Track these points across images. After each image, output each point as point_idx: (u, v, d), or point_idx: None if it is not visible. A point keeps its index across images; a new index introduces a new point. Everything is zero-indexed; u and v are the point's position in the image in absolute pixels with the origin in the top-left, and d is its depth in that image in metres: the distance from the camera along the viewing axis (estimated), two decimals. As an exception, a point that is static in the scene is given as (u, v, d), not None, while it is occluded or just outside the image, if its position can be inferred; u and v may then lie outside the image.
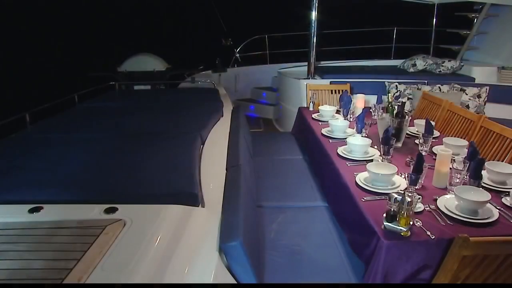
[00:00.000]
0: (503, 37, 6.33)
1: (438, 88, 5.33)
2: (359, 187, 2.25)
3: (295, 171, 3.25)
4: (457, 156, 2.50)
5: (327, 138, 3.08)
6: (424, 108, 4.12)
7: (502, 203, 2.12)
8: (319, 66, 6.32)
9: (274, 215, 2.59)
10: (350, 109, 3.52)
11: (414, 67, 6.12)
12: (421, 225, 1.88)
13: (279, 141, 3.98)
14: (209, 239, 1.81)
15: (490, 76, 5.90)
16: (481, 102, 5.35)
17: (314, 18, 5.29)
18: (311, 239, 2.36)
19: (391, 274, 1.78)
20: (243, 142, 3.07)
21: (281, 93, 6.23)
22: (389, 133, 2.54)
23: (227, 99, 4.45)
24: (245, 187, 2.31)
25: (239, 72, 7.29)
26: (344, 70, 6.02)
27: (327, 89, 4.58)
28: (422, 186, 2.28)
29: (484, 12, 6.33)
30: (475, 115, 3.36)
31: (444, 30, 7.36)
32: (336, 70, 6.09)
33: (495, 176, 2.36)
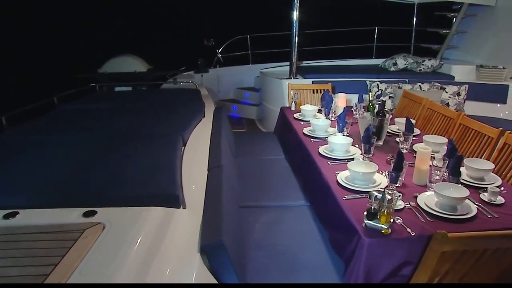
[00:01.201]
0: (481, 36, 6.43)
1: (419, 86, 5.39)
2: (341, 186, 2.25)
3: (278, 171, 3.25)
4: (437, 153, 2.53)
5: (309, 138, 3.09)
6: (405, 107, 4.16)
7: (480, 199, 2.15)
8: (301, 65, 6.34)
9: (257, 215, 2.58)
10: (331, 108, 3.53)
11: (395, 66, 6.18)
12: (401, 222, 1.90)
13: (262, 141, 3.97)
14: (190, 241, 1.80)
15: (469, 75, 6.00)
16: (460, 100, 5.43)
17: (295, 18, 5.29)
18: (294, 239, 2.36)
19: (373, 271, 1.79)
20: (225, 143, 3.05)
21: (264, 93, 6.23)
22: (369, 132, 2.56)
23: (209, 100, 4.42)
24: (227, 187, 2.30)
25: (222, 72, 7.27)
26: (326, 70, 6.05)
27: (309, 88, 4.59)
28: (402, 183, 2.29)
29: (463, 11, 6.42)
30: (455, 113, 3.40)
31: (424, 29, 7.46)
32: (318, 69, 6.11)
33: (473, 172, 2.39)
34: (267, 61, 7.00)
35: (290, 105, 3.96)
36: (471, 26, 6.62)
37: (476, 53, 6.46)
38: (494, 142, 2.88)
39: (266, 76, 6.00)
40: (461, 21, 6.60)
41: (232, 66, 7.43)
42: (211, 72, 7.08)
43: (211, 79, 7.02)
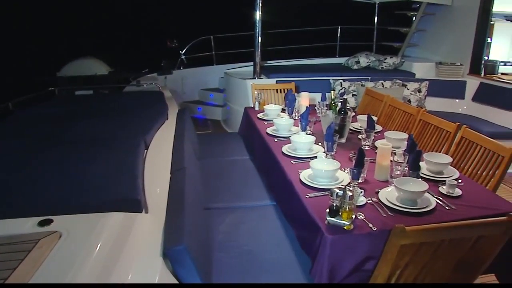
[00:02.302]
0: (439, 34, 6.62)
1: (381, 84, 5.49)
2: (304, 184, 2.26)
3: (243, 171, 3.23)
4: (398, 149, 2.57)
5: (272, 137, 3.08)
6: (368, 104, 4.22)
7: (439, 192, 2.20)
8: (265, 65, 6.36)
9: (223, 216, 2.56)
10: (295, 107, 3.55)
11: (358, 64, 6.28)
12: (363, 218, 1.92)
13: (227, 142, 3.95)
14: (152, 245, 1.76)
15: (429, 71, 6.17)
16: (421, 96, 5.56)
17: (258, 18, 5.30)
18: (260, 238, 2.35)
19: (337, 268, 1.80)
20: (188, 145, 3.02)
21: (228, 94, 6.21)
22: (331, 130, 2.57)
23: (173, 102, 4.37)
24: (190, 190, 2.27)
25: (186, 74, 7.20)
26: (291, 69, 6.09)
27: (273, 88, 4.60)
28: (365, 180, 2.32)
29: (421, 10, 6.60)
30: (415, 109, 3.48)
31: (385, 28, 7.60)
32: (283, 69, 6.14)
33: (432, 166, 2.44)
34: (231, 61, 6.97)
35: (254, 105, 3.95)
36: (430, 25, 6.80)
37: (435, 50, 6.65)
38: (452, 136, 2.96)
39: (230, 76, 5.98)
40: (420, 20, 6.78)
41: (196, 67, 7.37)
42: (175, 74, 7.00)
43: (175, 81, 6.94)
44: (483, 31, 5.83)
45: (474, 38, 5.87)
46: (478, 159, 2.68)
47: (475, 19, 5.80)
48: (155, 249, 1.74)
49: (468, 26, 5.91)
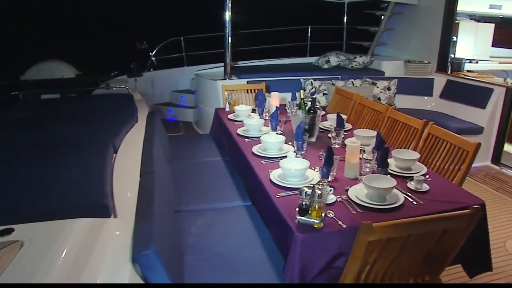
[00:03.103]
0: (407, 33, 6.74)
1: (351, 82, 5.56)
2: (274, 183, 2.26)
3: (214, 173, 3.21)
4: (367, 146, 2.60)
5: (243, 138, 3.07)
6: (338, 103, 4.26)
7: (407, 188, 2.24)
8: (236, 66, 6.35)
9: (194, 219, 2.54)
10: (265, 107, 3.54)
11: (328, 63, 6.33)
12: (333, 216, 1.93)
13: (198, 144, 3.92)
14: (121, 251, 1.73)
15: (398, 70, 6.27)
16: (391, 94, 5.65)
17: (228, 19, 5.27)
18: (232, 240, 2.34)
19: (308, 266, 1.81)
20: (158, 148, 2.98)
21: (199, 95, 6.17)
22: (301, 129, 2.58)
23: (143, 104, 4.31)
24: (160, 193, 2.24)
25: (156, 75, 7.11)
26: (262, 69, 6.09)
27: (244, 89, 4.59)
28: (334, 178, 2.34)
29: (389, 10, 6.71)
30: (383, 107, 3.52)
31: (355, 27, 7.69)
32: (254, 69, 6.13)
33: (401, 163, 2.48)
34: (202, 62, 6.92)
35: (225, 106, 3.93)
36: (398, 24, 6.93)
37: (404, 49, 6.77)
38: (420, 132, 3.01)
39: (201, 78, 5.94)
40: (388, 19, 6.89)
41: (167, 68, 7.29)
42: (145, 76, 6.90)
43: (146, 83, 6.85)
44: (449, 30, 5.97)
45: (440, 36, 6.00)
46: (445, 155, 2.74)
47: (441, 18, 5.93)
48: (124, 254, 1.71)
49: (434, 25, 6.04)
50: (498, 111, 5.05)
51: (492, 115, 5.05)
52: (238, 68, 6.12)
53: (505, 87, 5.05)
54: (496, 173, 4.92)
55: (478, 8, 7.26)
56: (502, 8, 7.31)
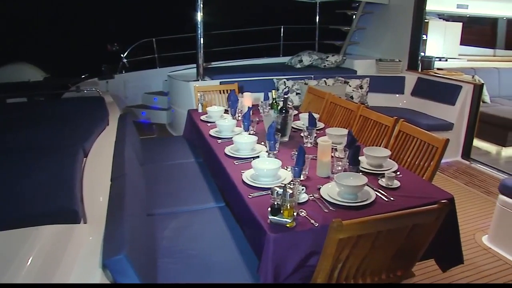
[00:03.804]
0: (379, 32, 6.84)
1: (324, 81, 5.59)
2: (246, 184, 2.25)
3: (188, 175, 3.18)
4: (339, 145, 2.62)
5: (215, 139, 3.05)
6: (310, 102, 4.28)
7: (379, 185, 2.27)
8: (209, 67, 6.32)
9: (167, 222, 2.51)
10: (237, 108, 3.53)
11: (301, 63, 6.36)
12: (305, 214, 1.94)
13: (171, 146, 3.88)
14: (91, 257, 1.70)
15: (370, 68, 6.36)
16: (363, 92, 5.71)
17: (199, 19, 5.23)
18: (205, 241, 2.32)
19: (282, 265, 1.81)
20: (130, 150, 2.94)
21: (172, 97, 6.11)
22: (273, 129, 2.58)
23: (114, 107, 4.25)
24: (131, 196, 2.21)
25: (128, 78, 6.99)
26: (235, 70, 6.07)
27: (216, 89, 4.57)
28: (307, 177, 2.35)
29: (361, 9, 6.78)
30: (355, 105, 3.56)
31: (327, 27, 7.75)
32: (227, 70, 6.12)
33: (372, 160, 2.51)
34: (175, 64, 6.85)
35: (197, 107, 3.90)
36: (370, 23, 7.01)
37: (375, 48, 6.86)
38: (391, 130, 3.05)
39: (173, 79, 5.88)
40: (360, 18, 6.97)
41: (139, 70, 7.19)
42: (117, 78, 6.79)
43: (117, 85, 6.74)
44: (418, 28, 6.07)
45: (411, 35, 6.11)
46: (415, 151, 2.78)
47: (410, 18, 6.03)
48: (94, 260, 1.68)
49: (404, 24, 6.14)
50: (466, 108, 5.17)
51: (461, 112, 5.16)
52: (211, 69, 6.09)
53: (473, 84, 5.17)
54: (466, 167, 5.03)
55: (446, 8, 7.44)
56: (469, 8, 7.50)
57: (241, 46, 7.68)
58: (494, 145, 5.92)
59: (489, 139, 5.94)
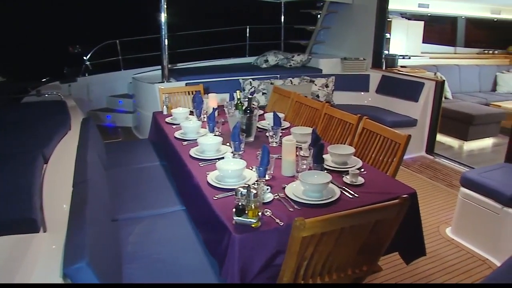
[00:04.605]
0: (343, 31, 6.93)
1: (290, 81, 5.63)
2: (211, 185, 2.23)
3: (153, 178, 3.13)
4: (304, 144, 2.63)
5: (181, 141, 3.02)
6: (276, 102, 4.30)
7: (343, 182, 2.29)
8: (175, 68, 6.26)
9: (132, 227, 2.46)
10: (203, 109, 3.50)
11: (267, 63, 6.37)
12: (271, 214, 1.93)
13: (136, 149, 3.81)
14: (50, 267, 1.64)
15: (335, 67, 6.44)
16: (329, 91, 5.77)
17: (163, 20, 5.18)
18: (171, 245, 2.29)
19: (248, 266, 1.80)
20: (93, 155, 2.86)
21: (138, 99, 6.02)
22: (237, 129, 2.57)
23: (76, 111, 4.15)
24: (94, 202, 2.15)
25: (92, 80, 6.84)
26: (201, 71, 6.03)
27: (182, 91, 4.52)
28: (272, 176, 2.34)
29: (325, 9, 6.86)
30: (320, 104, 3.59)
31: (292, 26, 7.80)
32: (193, 71, 6.07)
33: (337, 158, 2.53)
34: (140, 65, 6.75)
35: (162, 109, 3.85)
36: (334, 22, 7.11)
37: (340, 46, 6.95)
38: (355, 127, 3.08)
39: (138, 81, 5.79)
40: (324, 18, 7.05)
41: (103, 73, 7.04)
42: (80, 81, 6.63)
43: (81, 89, 6.58)
44: (382, 27, 6.19)
45: (374, 34, 6.22)
46: (379, 148, 2.83)
47: (374, 17, 6.14)
48: (54, 270, 1.63)
49: (368, 23, 6.25)
50: (429, 104, 5.30)
51: (424, 108, 5.28)
52: (177, 70, 6.03)
53: (434, 81, 5.30)
54: (430, 162, 5.16)
55: (408, 7, 7.62)
56: (429, 7, 7.71)
57: (207, 47, 7.65)
58: (457, 140, 6.10)
59: (451, 134, 6.12)
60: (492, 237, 3.07)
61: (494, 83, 8.13)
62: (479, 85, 7.99)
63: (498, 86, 8.05)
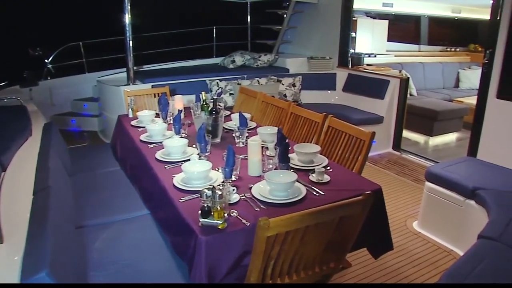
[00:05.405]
0: (309, 31, 6.99)
1: (257, 81, 5.63)
2: (177, 188, 2.21)
3: (119, 183, 3.07)
4: (270, 143, 2.63)
5: (146, 144, 2.97)
6: (242, 102, 4.29)
7: (310, 180, 2.29)
8: (142, 70, 6.18)
9: (98, 233, 2.41)
10: (169, 111, 3.46)
11: (234, 63, 6.36)
12: (237, 215, 1.92)
13: (102, 154, 3.72)
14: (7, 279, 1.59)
15: (302, 66, 6.48)
16: (296, 90, 5.81)
17: (128, 22, 5.08)
18: (138, 250, 2.25)
19: (215, 267, 1.78)
20: (55, 161, 2.79)
21: (103, 102, 5.89)
22: (202, 131, 2.54)
23: (38, 116, 4.03)
24: (56, 210, 2.09)
25: (55, 84, 6.63)
26: (167, 73, 5.96)
27: (148, 93, 4.44)
28: (239, 177, 2.33)
29: (291, 8, 6.90)
30: (286, 103, 3.60)
31: (258, 26, 7.82)
32: (159, 73, 5.99)
33: (303, 156, 2.54)
34: (105, 68, 6.60)
35: (128, 112, 3.78)
36: (300, 22, 7.16)
37: (307, 46, 7.00)
38: (320, 126, 3.11)
39: (103, 84, 5.68)
40: (291, 18, 7.10)
41: (66, 76, 6.85)
42: (42, 85, 6.42)
43: (43, 93, 6.38)
44: (347, 26, 6.28)
45: (340, 33, 6.30)
46: (344, 145, 2.85)
47: (339, 16, 6.23)
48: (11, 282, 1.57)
49: (333, 22, 6.32)
50: (395, 101, 5.40)
51: (390, 105, 5.38)
52: (143, 72, 5.94)
53: (399, 78, 5.41)
54: (397, 158, 5.26)
55: (373, 6, 7.75)
56: (393, 6, 7.86)
57: (174, 48, 7.56)
58: (422, 135, 6.25)
59: (417, 129, 6.26)
60: (456, 229, 3.15)
61: (457, 79, 8.38)
62: (442, 82, 8.22)
63: (461, 82, 8.29)
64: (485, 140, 4.02)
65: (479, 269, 2.00)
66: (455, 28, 9.47)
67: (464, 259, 2.14)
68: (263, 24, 7.76)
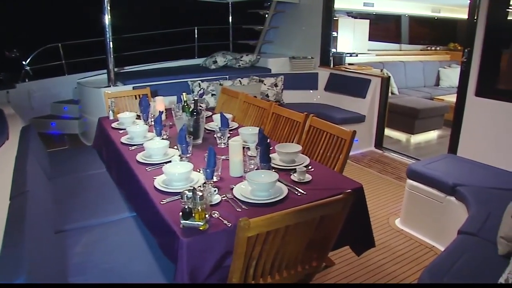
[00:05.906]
0: (291, 31, 7.01)
1: (239, 81, 5.63)
2: (158, 190, 2.19)
3: (100, 186, 3.03)
4: (252, 144, 2.62)
5: (127, 146, 2.94)
6: (224, 102, 4.28)
7: (291, 180, 2.30)
8: (122, 71, 6.11)
9: (79, 237, 2.37)
10: (150, 113, 3.43)
11: (215, 64, 6.33)
12: (218, 216, 1.91)
13: (82, 157, 3.67)
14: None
15: (283, 66, 6.51)
16: (278, 90, 5.82)
17: (107, 22, 5.02)
18: (120, 254, 2.22)
19: (198, 269, 1.78)
20: (34, 165, 2.73)
21: (84, 105, 5.82)
22: (183, 132, 2.53)
23: (16, 119, 3.95)
24: (34, 214, 2.05)
25: (33, 86, 6.49)
26: (149, 74, 5.91)
27: (129, 95, 4.40)
28: (220, 178, 2.32)
29: (273, 8, 6.92)
30: (267, 103, 3.60)
31: (240, 26, 7.81)
32: (140, 74, 5.94)
33: (284, 156, 2.54)
34: (85, 70, 6.50)
35: (108, 114, 3.74)
36: (282, 22, 7.18)
37: (288, 46, 7.03)
38: (302, 126, 3.12)
39: (83, 86, 5.61)
40: (272, 18, 7.12)
41: (45, 78, 6.71)
42: (20, 87, 6.28)
43: (21, 95, 6.24)
44: (328, 26, 6.32)
45: (321, 33, 6.33)
46: (326, 144, 2.87)
47: (320, 16, 6.26)
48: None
49: (315, 22, 6.36)
50: (376, 100, 5.45)
51: (371, 104, 5.42)
52: (124, 74, 5.88)
53: (380, 77, 5.46)
54: (379, 156, 5.30)
55: (354, 6, 7.81)
56: (374, 6, 7.94)
57: (155, 49, 7.49)
58: (404, 134, 6.31)
59: (399, 128, 6.33)
60: (437, 225, 3.19)
61: (437, 78, 8.50)
62: (423, 80, 8.32)
63: (441, 80, 8.41)
64: (465, 137, 4.08)
65: (459, 264, 2.03)
66: (435, 27, 9.61)
67: (444, 255, 2.16)
68: (244, 24, 7.75)
